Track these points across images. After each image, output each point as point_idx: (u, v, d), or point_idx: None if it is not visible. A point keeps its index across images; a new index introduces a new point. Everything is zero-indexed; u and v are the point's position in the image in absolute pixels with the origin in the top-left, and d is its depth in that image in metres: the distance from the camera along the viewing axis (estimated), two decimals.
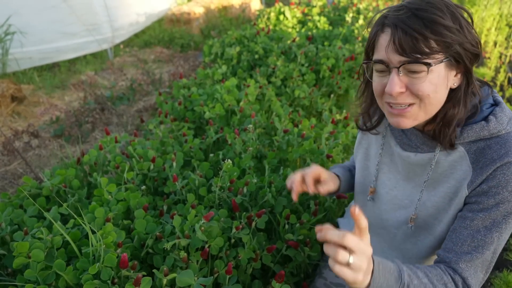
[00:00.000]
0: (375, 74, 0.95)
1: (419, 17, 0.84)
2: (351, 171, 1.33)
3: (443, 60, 0.85)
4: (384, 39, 0.89)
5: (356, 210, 0.74)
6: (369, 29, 0.96)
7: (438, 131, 0.94)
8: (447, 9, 0.85)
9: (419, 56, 0.84)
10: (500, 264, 1.87)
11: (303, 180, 1.17)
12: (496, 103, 0.96)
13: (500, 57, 4.53)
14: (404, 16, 0.85)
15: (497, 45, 4.55)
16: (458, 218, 0.96)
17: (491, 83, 3.94)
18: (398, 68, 0.87)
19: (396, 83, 0.87)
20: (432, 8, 0.84)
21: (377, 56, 0.91)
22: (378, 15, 0.94)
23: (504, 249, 1.95)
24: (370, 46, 0.94)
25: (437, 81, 0.87)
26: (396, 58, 0.87)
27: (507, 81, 3.96)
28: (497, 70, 4.25)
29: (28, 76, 4.58)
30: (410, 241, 1.10)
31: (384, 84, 0.91)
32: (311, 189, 1.13)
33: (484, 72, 3.91)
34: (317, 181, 1.20)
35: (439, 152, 0.97)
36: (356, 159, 1.23)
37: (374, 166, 1.15)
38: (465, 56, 0.86)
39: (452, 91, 0.92)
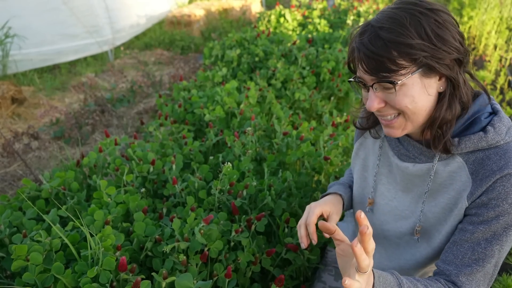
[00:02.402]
0: (362, 89, 0.97)
1: (381, 38, 0.83)
2: (351, 187, 1.30)
3: (413, 73, 0.84)
4: (356, 59, 0.91)
5: (361, 215, 0.73)
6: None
7: (431, 135, 0.94)
8: (411, 19, 0.82)
9: (386, 74, 0.85)
10: (500, 268, 1.86)
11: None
12: (494, 112, 0.95)
13: (500, 60, 4.53)
14: (367, 39, 0.85)
15: (497, 48, 4.56)
16: (459, 231, 0.95)
17: (491, 86, 3.94)
18: (372, 86, 0.89)
19: (373, 100, 0.90)
20: (394, 24, 0.83)
21: (357, 73, 0.93)
22: (350, 36, 0.95)
23: None
24: (352, 65, 0.96)
25: (413, 92, 0.86)
26: (367, 77, 0.89)
27: (507, 84, 3.96)
28: (497, 73, 4.25)
29: (28, 78, 4.58)
30: (410, 252, 1.09)
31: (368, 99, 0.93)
32: (314, 241, 1.08)
33: (484, 75, 3.91)
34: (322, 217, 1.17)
35: (437, 163, 0.96)
36: (354, 170, 1.22)
37: (372, 177, 1.15)
38: (438, 65, 0.84)
39: (440, 94, 0.91)
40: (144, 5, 6.06)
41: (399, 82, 0.84)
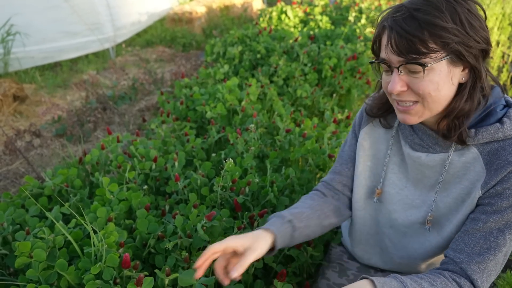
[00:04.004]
0: (383, 73, 0.96)
1: (416, 18, 0.84)
2: (292, 222, 1.10)
3: (443, 59, 0.85)
4: (384, 39, 0.90)
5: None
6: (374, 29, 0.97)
7: (447, 125, 0.94)
8: (447, 5, 0.84)
9: (416, 56, 0.85)
10: (504, 265, 1.86)
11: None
12: (508, 105, 0.96)
13: (503, 56, 4.51)
14: (401, 18, 0.86)
15: (500, 45, 4.53)
16: (471, 220, 0.95)
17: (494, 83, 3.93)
18: (398, 68, 0.88)
19: (396, 82, 0.89)
20: (430, 7, 0.84)
21: (381, 55, 0.93)
22: (380, 17, 0.95)
23: None
24: (376, 46, 0.95)
25: (439, 79, 0.87)
26: (395, 58, 0.88)
27: (510, 80, 3.95)
28: (499, 70, 4.23)
29: (30, 76, 4.58)
30: (419, 241, 1.09)
31: (389, 83, 0.92)
32: (222, 281, 0.99)
33: None
34: (235, 253, 1.02)
35: (453, 153, 0.96)
36: (358, 161, 1.18)
37: (381, 166, 1.14)
38: (467, 53, 0.86)
39: (460, 85, 0.92)
40: (145, 2, 6.05)
41: (429, 65, 0.84)
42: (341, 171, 1.22)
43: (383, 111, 1.10)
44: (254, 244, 0.99)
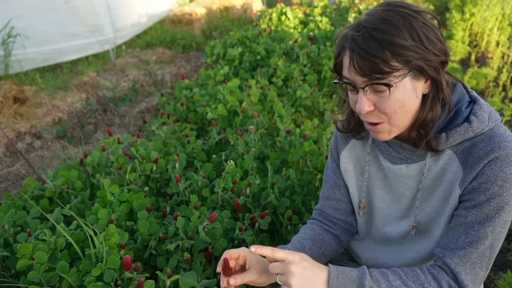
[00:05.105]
0: (348, 91, 0.96)
1: (375, 39, 0.84)
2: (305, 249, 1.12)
3: (406, 76, 0.86)
4: (346, 60, 0.90)
5: (252, 249, 0.86)
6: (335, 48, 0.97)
7: (416, 135, 0.96)
8: (403, 21, 0.84)
9: (380, 76, 0.85)
10: (504, 265, 1.86)
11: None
12: (473, 100, 0.97)
13: (503, 57, 4.52)
14: (360, 39, 0.85)
15: (500, 45, 4.54)
16: (454, 217, 0.98)
17: (494, 83, 3.93)
18: (363, 88, 0.88)
19: (364, 103, 0.89)
20: (388, 26, 0.84)
21: (344, 75, 0.92)
22: (339, 37, 0.94)
23: (508, 250, 1.95)
24: (338, 66, 0.95)
25: (404, 95, 0.88)
26: (359, 79, 0.88)
27: (509, 81, 3.95)
28: (499, 70, 4.23)
29: (30, 77, 4.59)
30: (415, 249, 1.11)
31: (356, 102, 0.92)
32: (219, 268, 0.95)
33: (487, 72, 3.90)
34: (243, 267, 1.01)
35: (429, 159, 0.97)
36: (348, 181, 1.18)
37: (363, 182, 1.15)
38: (428, 68, 0.86)
39: (424, 96, 0.93)
40: (146, 4, 6.06)
41: (394, 84, 0.85)
42: (329, 195, 1.22)
43: (354, 124, 1.10)
44: (258, 267, 0.99)
